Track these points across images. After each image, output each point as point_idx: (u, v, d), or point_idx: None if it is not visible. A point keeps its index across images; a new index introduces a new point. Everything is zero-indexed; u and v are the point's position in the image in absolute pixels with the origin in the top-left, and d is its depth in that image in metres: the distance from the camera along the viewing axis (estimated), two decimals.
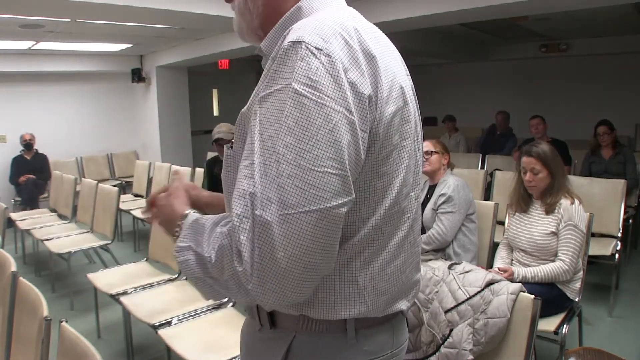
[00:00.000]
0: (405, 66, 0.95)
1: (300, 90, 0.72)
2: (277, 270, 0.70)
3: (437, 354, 1.87)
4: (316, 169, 0.70)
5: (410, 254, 0.93)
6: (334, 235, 0.73)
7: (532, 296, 1.74)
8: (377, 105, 0.78)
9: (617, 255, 3.17)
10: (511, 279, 2.24)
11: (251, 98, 0.82)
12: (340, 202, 0.72)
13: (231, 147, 0.88)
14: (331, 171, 0.71)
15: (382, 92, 0.79)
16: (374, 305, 0.86)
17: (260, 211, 0.69)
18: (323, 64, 0.73)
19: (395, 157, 0.83)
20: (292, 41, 0.75)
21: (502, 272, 2.24)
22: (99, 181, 4.25)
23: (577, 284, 2.34)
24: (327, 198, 0.71)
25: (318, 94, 0.72)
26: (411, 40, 5.74)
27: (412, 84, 0.94)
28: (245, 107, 0.83)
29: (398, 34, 4.93)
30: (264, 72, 0.81)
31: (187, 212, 0.87)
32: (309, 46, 0.74)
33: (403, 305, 0.93)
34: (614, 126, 4.23)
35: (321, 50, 0.74)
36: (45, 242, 3.76)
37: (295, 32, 0.77)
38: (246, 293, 0.73)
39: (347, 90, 0.74)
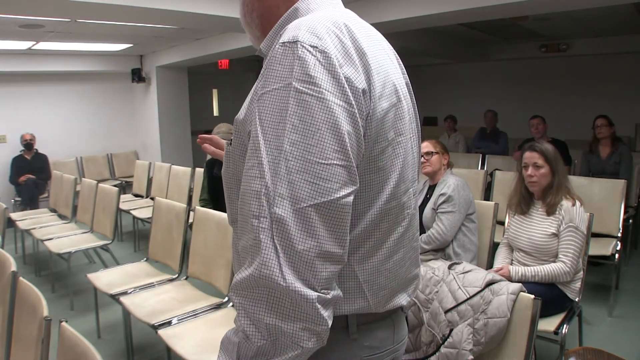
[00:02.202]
0: (401, 64, 0.97)
1: (301, 88, 0.74)
2: (302, 261, 0.71)
3: (437, 354, 1.87)
4: (323, 161, 0.73)
5: (410, 249, 0.94)
6: (345, 224, 0.76)
7: (532, 296, 1.74)
8: (371, 100, 0.80)
9: (617, 255, 3.17)
10: (510, 279, 2.24)
11: (249, 100, 0.83)
12: (347, 191, 0.75)
13: (230, 144, 0.89)
14: (337, 163, 0.74)
15: (375, 88, 0.81)
16: (374, 300, 0.87)
17: (275, 208, 0.71)
18: (319, 61, 0.75)
19: (390, 153, 0.85)
20: (287, 41, 0.77)
21: (497, 271, 2.25)
22: (99, 181, 4.25)
23: (577, 284, 2.34)
24: (336, 189, 0.73)
25: (318, 89, 0.74)
26: (411, 40, 5.74)
27: (408, 81, 0.96)
28: (240, 113, 0.84)
29: (398, 34, 4.93)
30: (261, 72, 0.82)
31: None
32: (304, 44, 0.76)
33: (403, 300, 0.95)
34: (613, 122, 4.19)
35: (316, 47, 0.76)
36: (45, 242, 3.76)
37: (290, 31, 0.79)
38: (277, 304, 0.71)
39: (344, 84, 0.76)
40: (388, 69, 0.87)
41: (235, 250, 0.95)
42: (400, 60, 0.97)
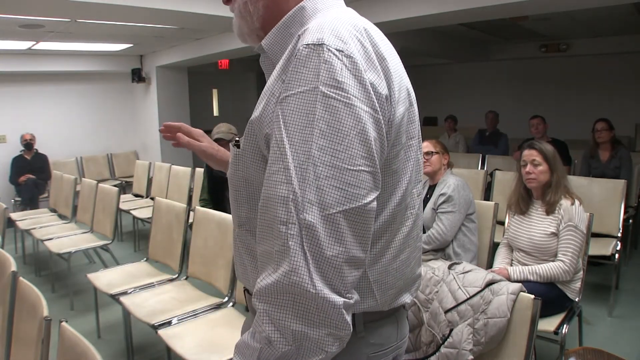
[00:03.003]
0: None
1: (328, 92, 0.73)
2: (331, 267, 0.71)
3: (437, 354, 1.87)
4: (351, 168, 0.73)
5: (414, 249, 0.95)
6: (370, 229, 0.76)
7: (532, 296, 1.74)
8: (392, 105, 0.81)
9: (617, 255, 3.17)
10: (510, 279, 2.24)
11: (264, 101, 0.81)
12: (373, 197, 0.75)
13: (237, 146, 0.88)
14: (365, 169, 0.74)
15: (394, 93, 0.82)
16: (382, 299, 0.88)
17: (304, 214, 0.71)
18: (346, 65, 0.75)
19: (403, 156, 0.86)
20: (312, 43, 0.76)
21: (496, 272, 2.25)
22: (99, 181, 4.25)
23: (577, 284, 2.34)
24: (363, 195, 0.73)
25: (346, 94, 0.73)
26: (411, 40, 5.74)
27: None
28: (255, 115, 0.82)
29: (398, 34, 4.94)
30: (277, 73, 0.81)
31: None
32: (331, 48, 0.75)
33: (407, 298, 0.96)
34: (613, 126, 4.17)
35: (342, 52, 0.75)
36: (45, 242, 3.76)
37: (313, 33, 0.78)
38: (305, 310, 0.71)
39: (370, 90, 0.76)
40: (401, 72, 0.87)
41: (238, 253, 0.94)
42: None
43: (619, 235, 3.34)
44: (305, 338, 0.71)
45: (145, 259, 3.16)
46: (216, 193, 3.44)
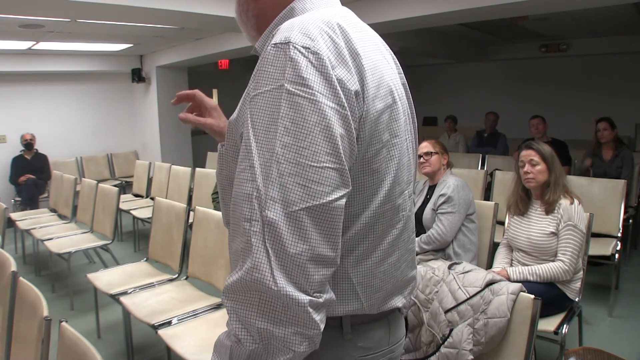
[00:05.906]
0: (398, 65, 0.96)
1: (293, 90, 0.73)
2: (295, 265, 0.71)
3: (437, 354, 1.87)
4: (315, 164, 0.72)
5: (405, 251, 0.94)
6: (338, 227, 0.75)
7: (532, 296, 1.74)
8: (364, 102, 0.80)
9: (617, 255, 3.17)
10: (509, 279, 2.24)
11: (241, 102, 0.83)
12: (340, 194, 0.74)
13: (223, 146, 0.89)
14: (329, 165, 0.73)
15: (369, 89, 0.80)
16: (368, 302, 0.87)
17: (266, 212, 0.70)
18: (312, 62, 0.74)
19: (385, 155, 0.84)
20: (279, 42, 0.76)
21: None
22: (99, 181, 4.25)
23: (577, 284, 2.34)
24: (328, 192, 0.72)
25: (310, 91, 0.73)
26: (411, 40, 5.74)
27: (405, 82, 0.95)
28: (233, 116, 0.84)
29: (398, 34, 4.93)
30: (253, 73, 0.82)
31: None
32: (297, 46, 0.75)
33: (399, 302, 0.95)
34: (615, 125, 4.16)
35: (309, 49, 0.75)
36: (45, 242, 3.76)
37: (282, 32, 0.78)
38: (269, 306, 0.71)
39: (336, 85, 0.75)
40: (383, 69, 0.86)
41: (230, 251, 0.95)
42: (397, 60, 0.96)
43: (619, 235, 3.34)
44: (272, 336, 0.71)
45: (145, 259, 3.16)
46: None
